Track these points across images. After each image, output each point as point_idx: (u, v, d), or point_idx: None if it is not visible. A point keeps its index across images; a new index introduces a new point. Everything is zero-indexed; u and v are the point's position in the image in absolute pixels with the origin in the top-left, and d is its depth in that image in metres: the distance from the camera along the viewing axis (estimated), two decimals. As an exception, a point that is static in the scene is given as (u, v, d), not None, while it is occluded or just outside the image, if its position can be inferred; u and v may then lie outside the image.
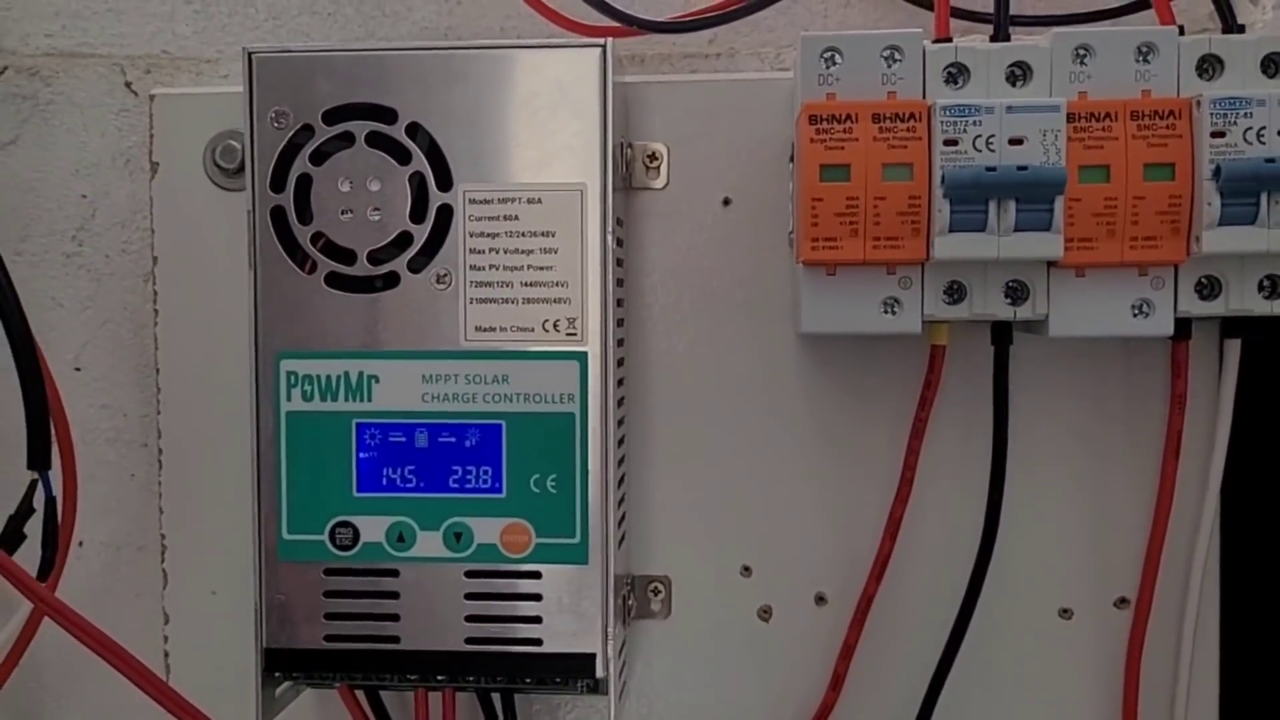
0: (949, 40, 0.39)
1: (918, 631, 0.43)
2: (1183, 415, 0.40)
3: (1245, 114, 0.35)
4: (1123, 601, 0.43)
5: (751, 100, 0.43)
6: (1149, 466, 0.42)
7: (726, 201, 0.44)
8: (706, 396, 0.44)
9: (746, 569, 0.44)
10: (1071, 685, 0.43)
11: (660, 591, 0.45)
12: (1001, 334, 0.40)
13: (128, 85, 0.48)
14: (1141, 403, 0.42)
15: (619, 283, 0.42)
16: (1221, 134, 0.35)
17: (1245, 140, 0.35)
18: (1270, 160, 0.35)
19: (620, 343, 0.42)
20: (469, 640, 0.40)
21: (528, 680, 0.40)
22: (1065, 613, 0.43)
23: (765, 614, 0.44)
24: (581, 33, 0.44)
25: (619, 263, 0.42)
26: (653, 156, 0.44)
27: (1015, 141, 0.36)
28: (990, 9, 0.39)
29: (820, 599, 0.44)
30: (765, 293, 0.43)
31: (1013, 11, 0.42)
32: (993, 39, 0.39)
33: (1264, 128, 0.35)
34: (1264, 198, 0.35)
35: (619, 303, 0.42)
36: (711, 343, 0.44)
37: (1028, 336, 0.41)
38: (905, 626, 0.43)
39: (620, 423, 0.42)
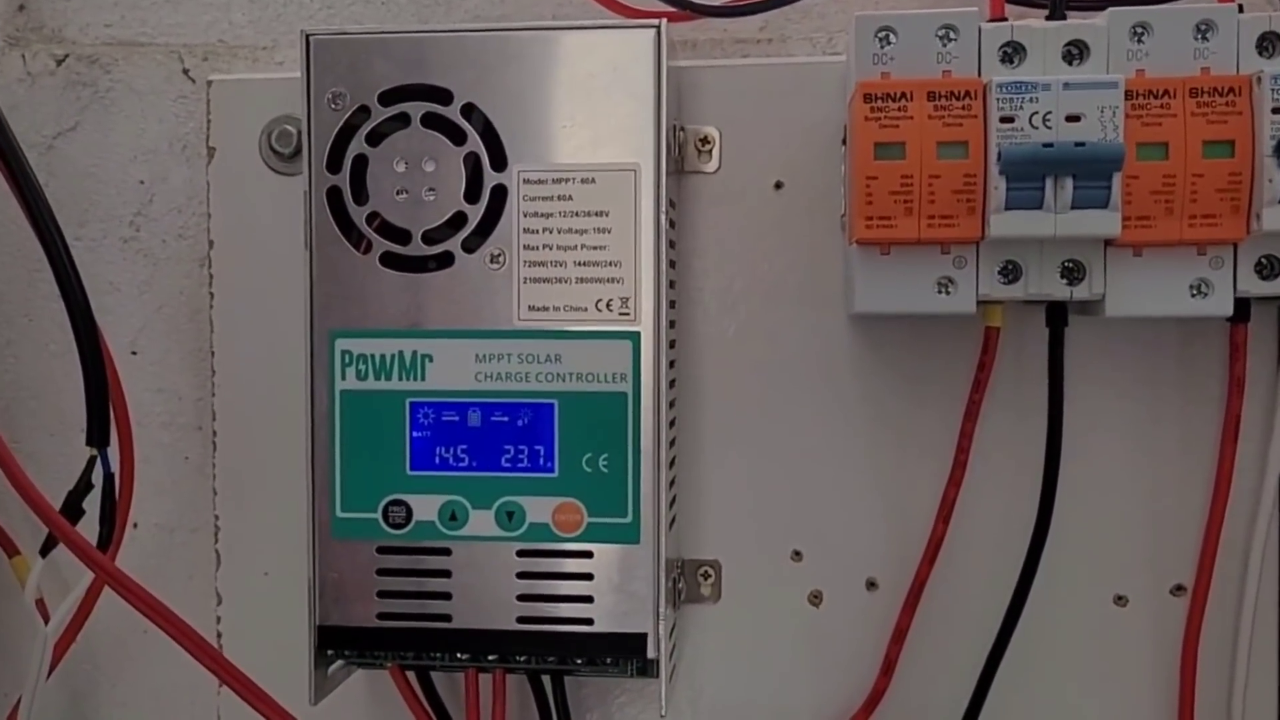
0: (1004, 19, 0.39)
1: (971, 617, 0.43)
2: (1242, 398, 0.40)
3: (1307, 90, 0.35)
4: (1179, 589, 0.42)
5: (803, 84, 0.43)
6: (1207, 451, 0.41)
7: (779, 185, 0.44)
8: (758, 379, 0.44)
9: (797, 553, 0.44)
10: (1127, 674, 0.43)
11: (710, 575, 0.44)
12: (1057, 315, 0.40)
13: (185, 73, 0.48)
14: (1200, 386, 0.42)
15: (671, 264, 0.42)
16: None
17: (1307, 116, 0.35)
18: (1333, 135, 0.34)
19: (672, 324, 0.42)
20: (520, 619, 0.40)
21: (578, 661, 0.40)
22: (1120, 600, 0.43)
23: (816, 599, 0.44)
24: (634, 17, 0.44)
25: (671, 244, 0.42)
26: (705, 140, 0.44)
27: (1072, 119, 0.35)
28: None
29: (871, 584, 0.44)
30: (817, 276, 0.43)
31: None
32: (1049, 18, 0.39)
33: (1325, 103, 0.35)
34: (1326, 174, 0.35)
35: (671, 284, 0.42)
36: (763, 326, 0.44)
37: (1082, 319, 0.41)
38: (958, 612, 0.43)
39: (672, 404, 0.42)
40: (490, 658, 0.41)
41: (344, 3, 0.49)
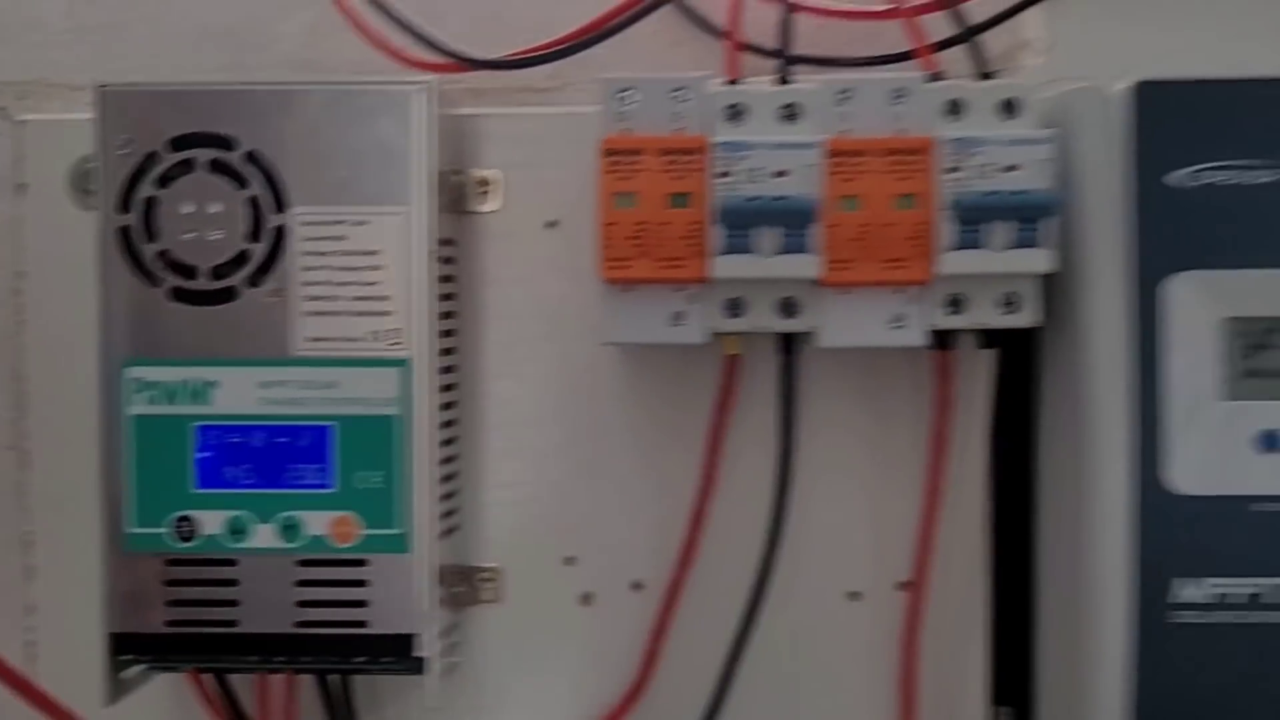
0: (737, 82, 0.44)
1: (721, 613, 0.47)
2: (947, 417, 0.45)
3: (976, 152, 0.40)
4: (905, 584, 0.48)
5: (576, 131, 0.47)
6: (923, 461, 0.47)
7: (552, 224, 0.48)
8: (535, 402, 0.48)
9: (570, 559, 0.49)
10: (860, 660, 0.48)
11: (491, 580, 0.49)
12: (786, 345, 0.45)
13: (2, 110, 0.51)
14: (918, 405, 0.47)
15: (448, 297, 0.46)
16: (956, 169, 0.40)
17: (977, 175, 0.40)
18: (992, 193, 0.40)
19: (451, 351, 0.46)
20: (300, 624, 0.43)
21: (357, 660, 0.44)
22: (854, 595, 0.48)
23: (587, 600, 0.49)
24: (423, 69, 0.48)
25: (449, 279, 0.46)
26: (484, 182, 0.48)
27: (779, 174, 0.40)
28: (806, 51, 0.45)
29: (637, 585, 0.48)
30: (586, 308, 0.48)
31: (808, 52, 0.48)
32: (776, 83, 0.44)
33: (991, 164, 0.40)
34: (991, 226, 0.40)
35: (449, 315, 0.46)
36: (540, 353, 0.48)
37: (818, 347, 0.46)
38: (710, 609, 0.48)
39: (449, 424, 0.46)
40: (279, 659, 0.44)
41: (162, 44, 0.52)
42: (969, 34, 0.45)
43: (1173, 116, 0.41)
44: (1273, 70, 0.43)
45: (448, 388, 0.46)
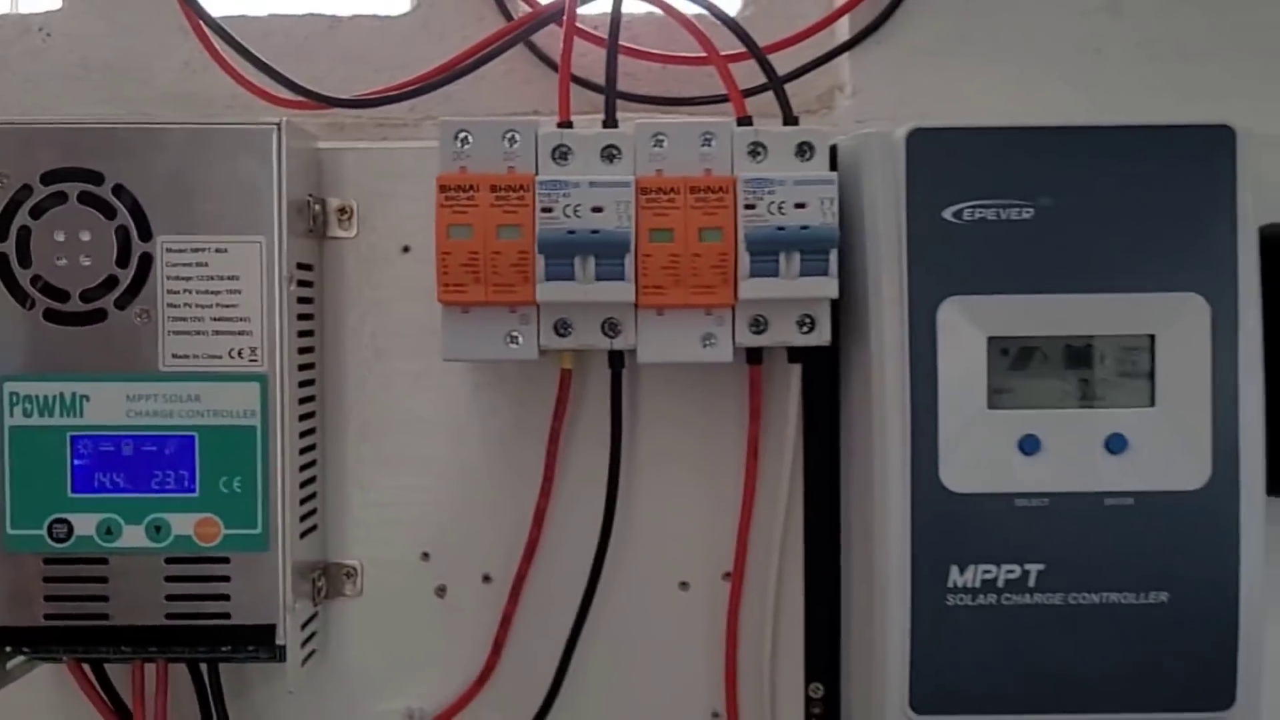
0: (569, 125, 0.48)
1: (562, 603, 0.52)
2: (758, 425, 0.51)
3: (770, 191, 0.45)
4: (728, 575, 0.53)
5: (427, 163, 0.51)
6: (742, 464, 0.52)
7: (406, 249, 0.52)
8: (393, 411, 0.53)
9: (425, 555, 0.53)
10: (691, 643, 0.53)
11: (353, 575, 0.53)
12: (615, 360, 0.50)
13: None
14: (737, 413, 0.52)
15: (307, 317, 0.50)
16: (752, 206, 0.45)
17: (769, 212, 0.45)
18: (782, 228, 0.45)
19: (310, 366, 0.51)
20: (169, 616, 0.47)
21: (223, 649, 0.48)
22: (684, 585, 0.53)
23: (441, 592, 0.53)
24: (286, 106, 0.53)
25: (307, 300, 0.50)
26: (344, 210, 0.52)
27: (596, 210, 0.45)
28: (639, 90, 0.52)
29: (486, 578, 0.53)
30: (437, 326, 0.52)
31: (637, 91, 0.53)
32: (604, 125, 0.48)
33: (784, 202, 0.45)
34: (782, 256, 0.45)
35: (307, 334, 0.50)
36: (396, 367, 0.53)
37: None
38: (553, 600, 0.52)
39: (308, 433, 0.50)
40: (151, 649, 0.48)
41: (45, 79, 0.56)
42: (777, 82, 0.50)
43: (942, 160, 0.46)
44: (1055, 114, 0.49)
45: (307, 400, 0.50)
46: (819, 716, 0.53)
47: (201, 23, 0.52)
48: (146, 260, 0.47)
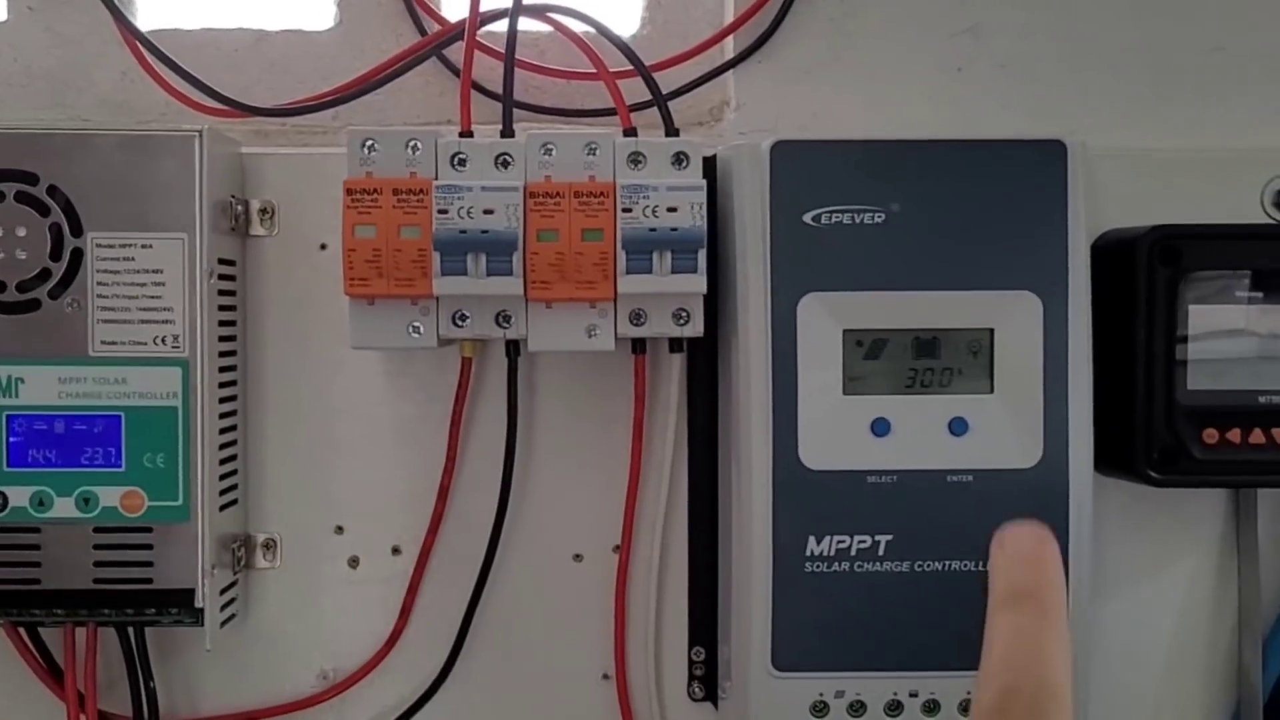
0: (470, 134, 0.53)
1: (466, 573, 0.57)
2: (643, 409, 0.55)
3: (645, 196, 0.50)
4: (618, 548, 0.58)
5: (343, 168, 0.56)
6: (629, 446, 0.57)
7: (323, 246, 0.57)
8: (310, 396, 0.57)
9: (340, 528, 0.58)
10: (586, 612, 0.58)
11: (272, 546, 0.57)
12: (510, 349, 0.54)
13: None
14: (626, 398, 0.57)
15: (229, 308, 0.55)
16: (629, 210, 0.50)
17: (644, 215, 0.50)
18: (653, 230, 0.50)
19: (231, 354, 0.55)
20: (96, 581, 0.52)
21: (147, 612, 0.52)
22: (578, 557, 0.58)
23: (354, 563, 0.58)
24: (215, 115, 0.57)
25: (229, 293, 0.55)
26: (265, 210, 0.57)
27: (488, 211, 0.50)
28: (543, 102, 0.58)
29: (396, 550, 0.58)
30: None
31: (543, 103, 0.58)
32: (502, 135, 0.53)
33: (657, 206, 0.50)
34: (655, 255, 0.50)
35: (229, 323, 0.55)
36: (313, 355, 0.57)
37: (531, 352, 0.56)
38: (457, 569, 0.57)
39: (229, 415, 0.55)
40: (82, 612, 0.52)
41: (-13, 84, 0.60)
42: (660, 97, 0.55)
43: (803, 169, 0.51)
44: (919, 129, 0.54)
45: (228, 384, 0.55)
46: (700, 678, 0.58)
47: (133, 36, 0.56)
48: (78, 255, 0.51)
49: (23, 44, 0.61)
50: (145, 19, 0.61)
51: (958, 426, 0.51)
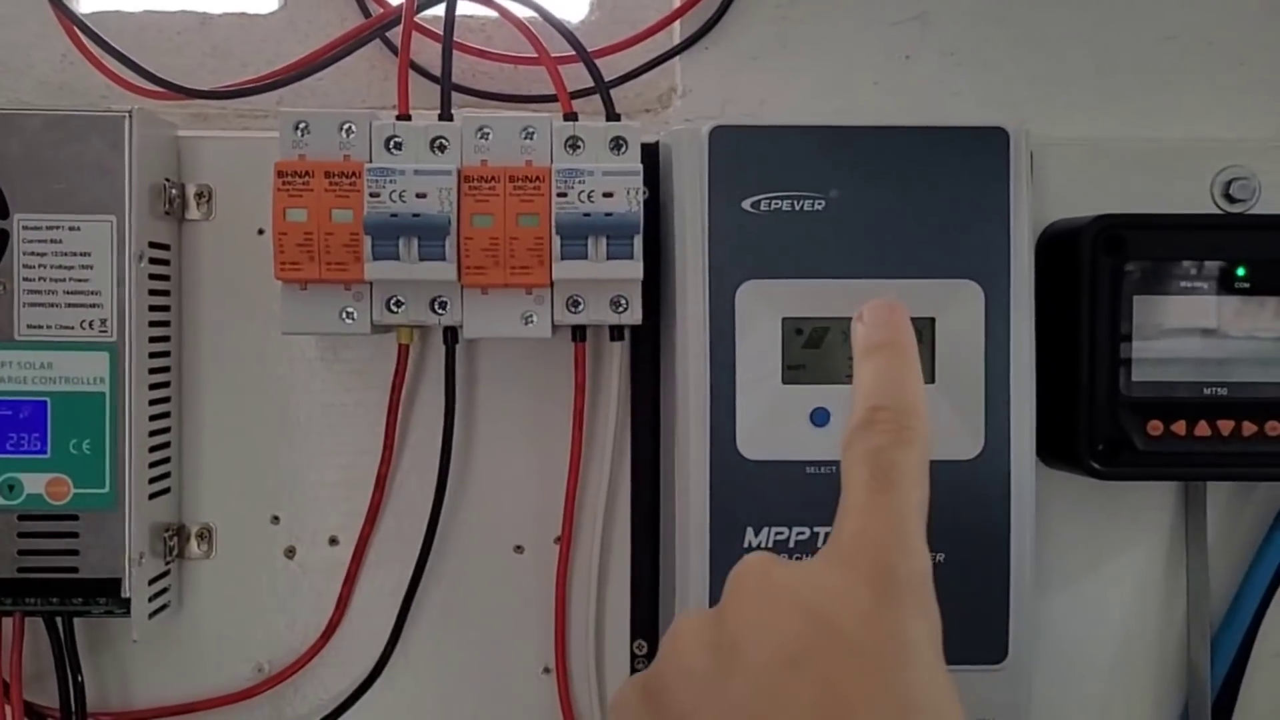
0: (408, 118, 0.52)
1: (404, 564, 0.56)
2: (583, 398, 0.55)
3: (580, 181, 0.49)
4: (559, 539, 0.57)
5: None
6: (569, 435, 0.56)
7: (260, 231, 0.56)
8: (245, 382, 0.56)
9: (276, 518, 0.57)
10: (526, 603, 0.57)
11: (206, 536, 0.56)
12: (448, 335, 0.54)
13: None
14: (566, 387, 0.56)
15: (161, 293, 0.54)
16: (564, 194, 0.49)
17: (579, 200, 0.49)
18: (588, 215, 0.49)
19: (164, 339, 0.54)
20: (20, 570, 0.51)
21: (74, 601, 0.51)
22: (519, 549, 0.57)
23: (290, 553, 0.57)
24: (150, 96, 0.56)
25: (162, 277, 0.54)
26: (201, 194, 0.56)
27: (421, 195, 0.49)
28: (489, 88, 0.57)
29: (333, 540, 0.57)
30: (287, 303, 0.56)
31: (489, 89, 0.57)
32: (440, 118, 0.52)
33: (593, 191, 0.49)
34: (590, 240, 0.49)
35: (162, 308, 0.54)
36: (249, 339, 0.56)
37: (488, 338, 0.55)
38: (394, 560, 0.56)
39: (161, 401, 0.54)
40: (6, 601, 0.51)
41: (-78, 65, 0.59)
42: (601, 83, 0.54)
43: (741, 155, 0.50)
44: (867, 116, 0.53)
45: (160, 370, 0.54)
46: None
47: (69, 19, 0.55)
48: (4, 236, 0.50)
49: (-41, 25, 0.60)
50: (86, 2, 0.60)
51: (899, 417, 0.51)
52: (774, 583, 0.32)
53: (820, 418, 0.51)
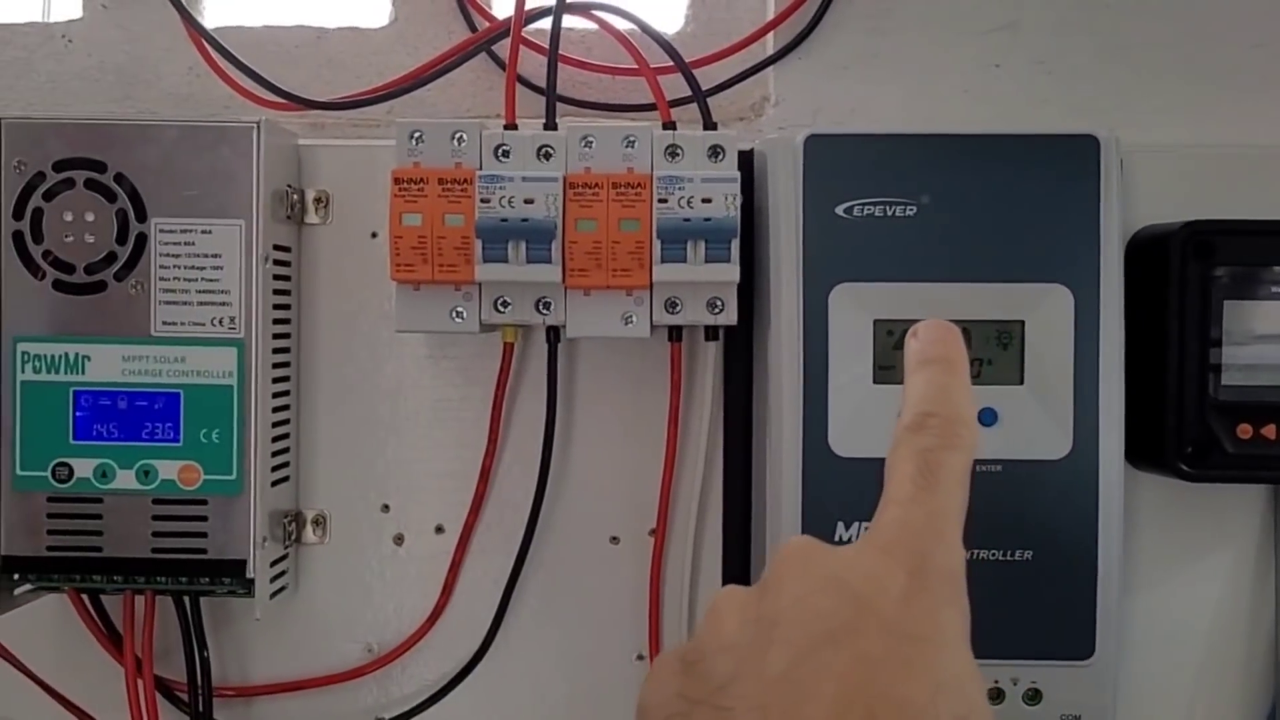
0: (515, 126, 0.55)
1: (506, 553, 0.59)
2: (679, 397, 0.57)
3: (680, 187, 0.52)
4: (653, 531, 0.59)
5: (394, 159, 0.58)
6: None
7: (374, 234, 0.59)
8: (359, 377, 0.59)
9: (386, 506, 0.60)
10: (620, 593, 0.59)
11: (321, 523, 0.60)
12: (550, 335, 0.56)
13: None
14: (663, 385, 0.58)
15: (283, 292, 0.57)
16: (665, 200, 0.52)
17: (679, 205, 0.52)
18: (687, 220, 0.51)
19: (285, 336, 0.57)
20: (154, 550, 0.54)
21: (201, 581, 0.55)
22: (615, 540, 0.59)
23: (399, 540, 0.60)
24: (274, 108, 0.60)
25: (284, 278, 0.57)
26: (319, 200, 0.59)
27: (528, 201, 0.52)
28: (588, 97, 0.59)
29: (439, 529, 0.60)
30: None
31: (589, 99, 0.60)
32: (545, 128, 0.55)
33: (692, 197, 0.52)
34: (689, 244, 0.51)
35: (284, 306, 0.57)
36: (363, 338, 0.59)
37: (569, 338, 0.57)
38: (497, 549, 0.59)
39: (282, 394, 0.57)
40: (139, 580, 0.55)
41: (64, 79, 0.63)
42: (699, 92, 0.56)
43: (835, 162, 0.52)
44: (956, 124, 0.55)
45: (281, 365, 0.57)
46: (731, 660, 0.59)
47: (199, 34, 0.59)
48: (142, 239, 0.54)
49: (96, 40, 0.64)
50: (210, 17, 0.64)
51: (987, 417, 0.52)
52: (816, 563, 0.34)
53: (910, 417, 0.52)
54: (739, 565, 0.58)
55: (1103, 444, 0.52)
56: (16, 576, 0.55)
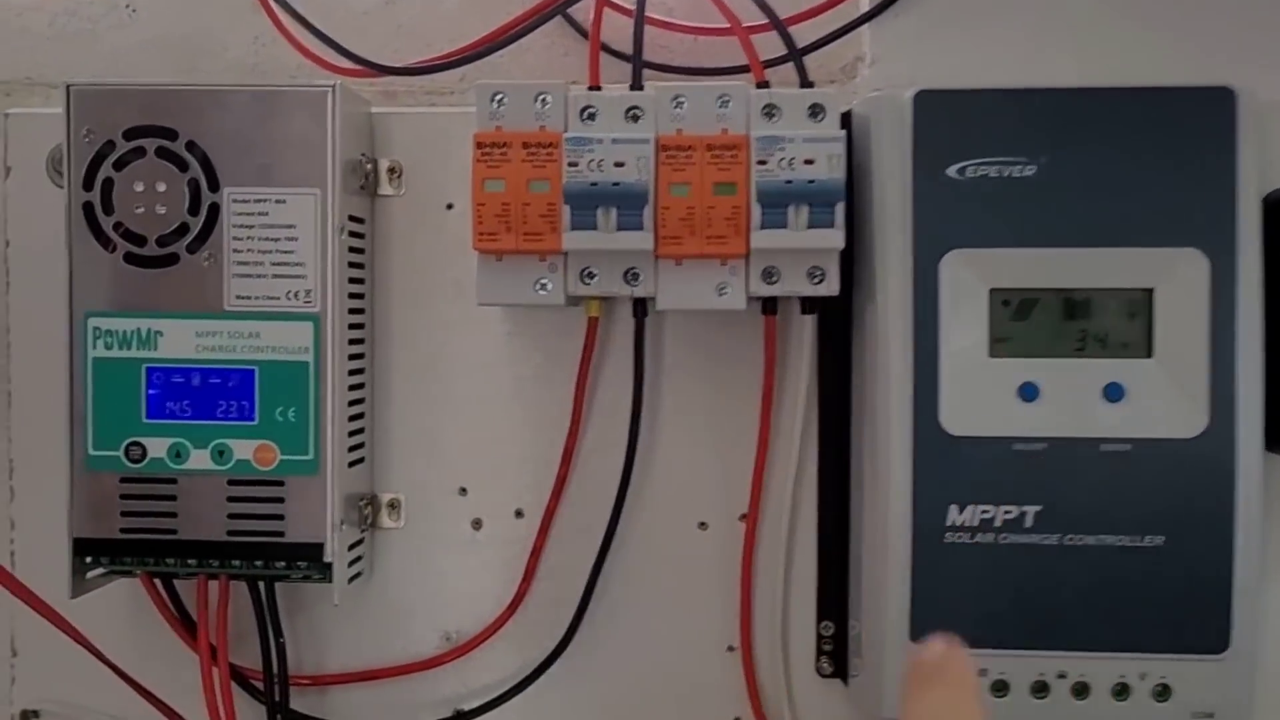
0: (599, 88, 0.52)
1: (589, 538, 0.56)
2: (773, 373, 0.54)
3: (780, 148, 0.48)
4: (744, 516, 0.56)
5: (470, 128, 0.55)
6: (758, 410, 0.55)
7: (450, 206, 0.57)
8: (434, 355, 0.57)
9: (463, 489, 0.57)
10: (709, 579, 0.56)
11: (397, 506, 0.57)
12: (638, 308, 0.53)
13: (-10, 104, 0.60)
14: (754, 361, 0.55)
15: (358, 265, 0.55)
16: (764, 162, 0.48)
17: (780, 167, 0.48)
18: (789, 182, 0.48)
19: (360, 311, 0.55)
20: (230, 532, 0.52)
21: (277, 564, 0.53)
22: (703, 525, 0.56)
23: (477, 525, 0.57)
24: (343, 74, 0.57)
25: (359, 250, 0.55)
26: (393, 169, 0.57)
27: (619, 165, 0.49)
28: (672, 61, 0.56)
29: (519, 513, 0.57)
30: (474, 277, 0.56)
31: (671, 63, 0.56)
32: (631, 89, 0.52)
33: (793, 158, 0.48)
34: (791, 209, 0.48)
35: (358, 280, 0.55)
36: (439, 312, 0.57)
37: (676, 311, 0.54)
38: (580, 534, 0.56)
39: (357, 371, 0.55)
40: (212, 563, 0.53)
41: (127, 50, 0.61)
42: (795, 50, 0.53)
43: (947, 120, 0.49)
44: (1067, 79, 0.51)
45: (356, 340, 0.55)
46: (828, 653, 0.56)
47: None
48: (214, 209, 0.52)
49: (160, 10, 0.62)
50: (278, -17, 0.61)
51: (1113, 392, 0.48)
52: None
53: (1029, 392, 0.49)
54: (835, 553, 0.55)
55: (1240, 421, 0.48)
56: (89, 560, 0.53)
